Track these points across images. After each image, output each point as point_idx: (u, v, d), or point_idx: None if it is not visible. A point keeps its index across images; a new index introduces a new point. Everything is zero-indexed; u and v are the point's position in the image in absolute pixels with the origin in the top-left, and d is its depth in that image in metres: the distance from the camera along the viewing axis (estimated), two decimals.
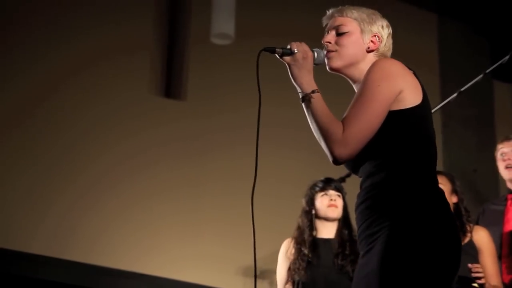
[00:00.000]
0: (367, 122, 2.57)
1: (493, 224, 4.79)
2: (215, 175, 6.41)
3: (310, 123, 2.66)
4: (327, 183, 4.71)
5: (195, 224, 6.22)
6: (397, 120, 2.61)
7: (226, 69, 6.69)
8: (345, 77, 2.81)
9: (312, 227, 4.63)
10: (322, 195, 4.67)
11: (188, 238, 6.15)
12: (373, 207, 2.60)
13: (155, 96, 6.49)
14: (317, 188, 4.71)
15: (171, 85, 6.53)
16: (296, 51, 2.72)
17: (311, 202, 4.69)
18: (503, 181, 5.21)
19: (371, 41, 2.79)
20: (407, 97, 2.62)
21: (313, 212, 4.66)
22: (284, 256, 4.64)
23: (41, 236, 5.77)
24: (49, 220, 5.80)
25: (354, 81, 2.79)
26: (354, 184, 3.01)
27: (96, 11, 6.34)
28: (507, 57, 4.66)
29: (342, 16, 2.82)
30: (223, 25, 6.25)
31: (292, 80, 2.73)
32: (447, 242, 2.55)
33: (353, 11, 2.82)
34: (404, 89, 2.62)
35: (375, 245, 2.56)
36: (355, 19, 2.80)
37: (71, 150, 6.01)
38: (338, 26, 2.80)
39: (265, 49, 2.78)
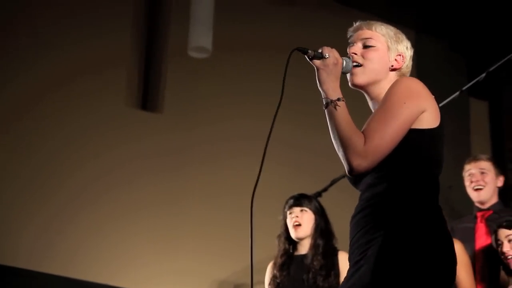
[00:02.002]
0: (390, 138, 2.57)
1: (465, 241, 4.81)
2: (192, 191, 6.37)
3: (330, 130, 2.63)
4: (291, 202, 4.72)
5: (172, 239, 6.19)
6: (412, 137, 2.61)
7: (203, 83, 6.68)
8: (364, 92, 2.79)
9: (284, 248, 4.64)
10: (289, 214, 4.69)
11: (165, 253, 6.13)
12: (369, 216, 2.60)
13: (132, 108, 6.46)
14: (286, 208, 4.72)
15: (148, 97, 6.51)
16: (327, 56, 2.68)
17: (284, 222, 4.71)
18: None
19: (396, 59, 2.80)
20: (427, 118, 2.64)
21: (286, 231, 4.67)
22: (267, 277, 4.69)
23: (20, 249, 5.74)
24: (28, 233, 5.77)
25: (372, 98, 2.78)
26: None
27: (75, 23, 6.31)
28: (483, 74, 4.68)
29: (370, 29, 2.82)
30: (201, 38, 6.25)
31: (318, 85, 2.68)
32: (441, 256, 2.54)
33: (382, 26, 2.83)
34: (427, 110, 2.64)
35: (367, 253, 2.54)
36: (383, 35, 2.81)
37: (49, 165, 5.98)
38: (367, 38, 2.80)
39: (298, 49, 2.70)
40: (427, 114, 2.63)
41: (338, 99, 2.62)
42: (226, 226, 6.29)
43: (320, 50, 2.70)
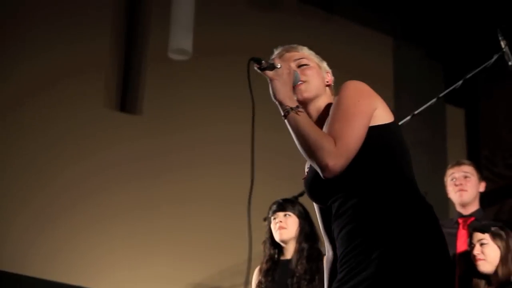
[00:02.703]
0: (357, 134, 2.60)
1: None
2: (170, 196, 6.36)
3: (296, 138, 2.64)
4: (274, 207, 4.72)
5: (149, 245, 6.17)
6: (374, 134, 2.64)
7: (183, 86, 6.67)
8: (304, 108, 2.77)
9: (269, 253, 4.64)
10: (273, 219, 4.69)
11: (142, 258, 6.11)
12: (359, 229, 2.59)
13: (111, 110, 6.44)
14: (270, 213, 4.73)
15: (127, 99, 6.49)
16: (279, 66, 2.73)
17: (268, 228, 4.72)
18: (453, 204, 5.28)
19: (327, 76, 2.90)
20: (382, 114, 2.68)
21: (271, 236, 4.67)
22: (253, 282, 4.68)
23: (2, 252, 5.72)
24: (8, 237, 5.75)
25: (314, 113, 2.81)
26: None
27: (55, 24, 6.28)
28: (460, 82, 4.72)
29: (297, 51, 2.90)
30: (181, 40, 6.25)
31: (273, 95, 2.71)
32: (442, 262, 2.55)
33: (305, 49, 2.92)
34: (378, 107, 2.68)
35: (367, 268, 2.52)
36: (313, 56, 2.90)
37: (29, 168, 5.94)
38: (299, 59, 2.87)
39: (253, 59, 2.74)
40: (379, 111, 2.68)
41: (297, 107, 2.66)
42: (203, 232, 6.30)
43: (271, 61, 2.75)
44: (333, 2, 7.53)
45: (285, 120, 2.67)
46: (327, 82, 2.88)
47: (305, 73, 2.83)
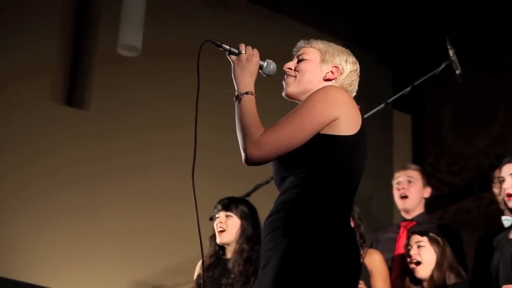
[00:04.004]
0: (289, 133, 2.64)
1: (387, 251, 4.88)
2: (113, 198, 6.30)
3: (236, 122, 2.71)
4: (218, 206, 4.66)
5: (92, 247, 6.12)
6: (324, 143, 2.67)
7: (132, 84, 6.61)
8: (298, 102, 2.85)
9: (213, 250, 4.61)
10: (216, 218, 4.65)
11: (84, 261, 6.05)
12: (277, 222, 2.64)
13: (57, 104, 6.36)
14: (214, 211, 4.70)
15: (74, 94, 6.41)
16: (243, 52, 2.81)
17: (214, 226, 4.69)
18: (398, 209, 5.32)
19: (331, 71, 2.89)
20: (342, 125, 2.69)
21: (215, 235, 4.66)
22: (195, 276, 4.66)
23: None
24: None
25: None
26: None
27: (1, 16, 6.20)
28: (408, 88, 4.77)
29: (307, 46, 2.96)
30: (131, 37, 6.19)
31: (233, 79, 2.79)
32: (343, 266, 2.58)
33: (320, 43, 2.96)
34: (341, 118, 2.68)
35: (271, 260, 2.59)
36: (319, 49, 2.93)
37: None
38: (300, 54, 2.93)
39: (212, 41, 2.85)
40: (341, 121, 2.68)
41: (247, 93, 2.73)
42: (147, 234, 6.26)
43: (236, 47, 2.84)
44: (284, 3, 7.55)
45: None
46: (325, 76, 2.88)
47: (298, 68, 2.89)
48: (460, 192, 7.47)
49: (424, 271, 4.46)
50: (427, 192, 5.19)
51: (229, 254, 4.62)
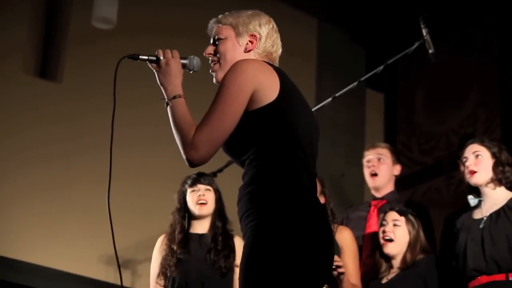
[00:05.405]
0: (217, 124, 2.60)
1: (357, 229, 4.91)
2: (85, 175, 6.27)
3: (172, 129, 2.69)
4: (196, 179, 4.66)
5: (64, 223, 6.11)
6: (254, 119, 2.64)
7: (105, 59, 6.56)
8: None
9: (182, 224, 4.61)
10: (192, 191, 4.64)
11: (56, 236, 6.04)
12: (244, 205, 2.64)
13: (30, 76, 6.31)
14: (187, 184, 4.68)
15: (47, 66, 6.36)
16: (161, 58, 2.77)
17: (182, 199, 4.67)
18: (368, 187, 5.35)
19: (249, 41, 2.84)
20: (261, 95, 2.65)
21: (185, 208, 4.64)
22: (157, 251, 4.61)
23: None
24: None
25: None
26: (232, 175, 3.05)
27: None
28: (381, 67, 4.80)
29: (219, 24, 2.87)
30: (106, 9, 6.15)
31: (160, 86, 2.77)
32: (314, 240, 2.57)
33: (229, 17, 2.88)
34: (257, 89, 2.64)
35: (245, 239, 2.60)
36: (230, 24, 2.85)
37: None
38: (215, 36, 2.86)
39: (129, 57, 2.79)
40: (259, 92, 2.64)
41: (174, 97, 2.70)
42: (119, 210, 6.23)
43: (154, 54, 2.79)
44: None
45: None
46: (247, 48, 2.84)
47: (217, 51, 2.84)
48: (430, 171, 7.53)
49: (393, 248, 4.52)
50: (397, 169, 5.23)
51: (198, 229, 4.62)
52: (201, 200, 4.60)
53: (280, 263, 2.51)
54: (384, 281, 4.53)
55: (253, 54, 2.83)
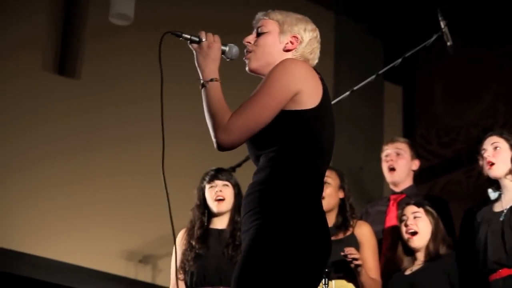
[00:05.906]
0: (254, 114, 2.65)
1: (376, 224, 4.91)
2: (103, 169, 6.30)
3: (204, 110, 2.72)
4: (214, 175, 4.67)
5: (82, 216, 6.12)
6: (289, 120, 2.67)
7: (123, 55, 6.57)
8: (262, 76, 2.85)
9: (202, 220, 4.62)
10: (210, 187, 4.65)
11: (74, 230, 6.06)
12: (251, 203, 2.67)
13: (48, 73, 6.33)
14: (206, 180, 4.68)
15: (66, 63, 6.38)
16: (203, 40, 2.80)
17: (202, 195, 4.67)
18: (387, 181, 5.34)
19: (290, 41, 2.89)
20: (304, 99, 2.69)
21: (204, 204, 4.65)
22: (178, 246, 4.60)
23: None
24: None
25: None
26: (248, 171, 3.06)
27: None
28: (399, 60, 4.78)
29: (265, 18, 2.93)
30: (123, 5, 6.15)
31: (197, 67, 2.80)
32: (312, 247, 2.61)
33: (278, 14, 2.94)
34: (302, 91, 2.68)
35: (245, 240, 2.64)
36: (277, 20, 2.91)
37: None
38: (259, 27, 2.92)
39: (172, 32, 2.84)
40: (303, 95, 2.69)
41: (211, 80, 2.74)
42: (139, 203, 6.28)
43: (196, 35, 2.83)
44: None
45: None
46: (286, 47, 2.88)
47: (256, 42, 2.89)
48: (450, 164, 7.50)
49: (420, 240, 4.51)
50: (415, 164, 5.21)
51: (218, 224, 4.62)
52: (218, 196, 4.60)
53: (278, 264, 2.56)
54: (407, 272, 4.52)
55: (291, 54, 2.88)
